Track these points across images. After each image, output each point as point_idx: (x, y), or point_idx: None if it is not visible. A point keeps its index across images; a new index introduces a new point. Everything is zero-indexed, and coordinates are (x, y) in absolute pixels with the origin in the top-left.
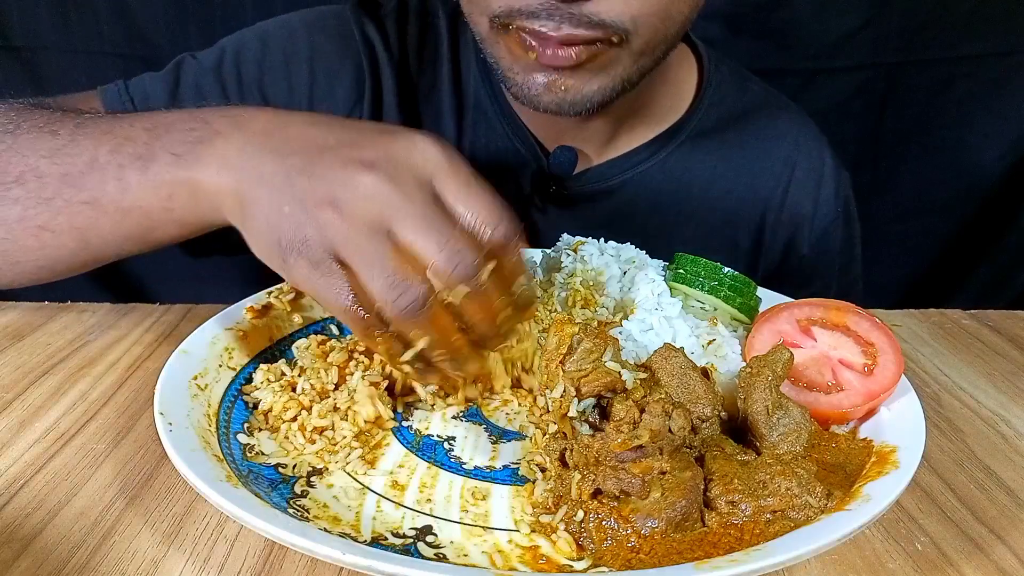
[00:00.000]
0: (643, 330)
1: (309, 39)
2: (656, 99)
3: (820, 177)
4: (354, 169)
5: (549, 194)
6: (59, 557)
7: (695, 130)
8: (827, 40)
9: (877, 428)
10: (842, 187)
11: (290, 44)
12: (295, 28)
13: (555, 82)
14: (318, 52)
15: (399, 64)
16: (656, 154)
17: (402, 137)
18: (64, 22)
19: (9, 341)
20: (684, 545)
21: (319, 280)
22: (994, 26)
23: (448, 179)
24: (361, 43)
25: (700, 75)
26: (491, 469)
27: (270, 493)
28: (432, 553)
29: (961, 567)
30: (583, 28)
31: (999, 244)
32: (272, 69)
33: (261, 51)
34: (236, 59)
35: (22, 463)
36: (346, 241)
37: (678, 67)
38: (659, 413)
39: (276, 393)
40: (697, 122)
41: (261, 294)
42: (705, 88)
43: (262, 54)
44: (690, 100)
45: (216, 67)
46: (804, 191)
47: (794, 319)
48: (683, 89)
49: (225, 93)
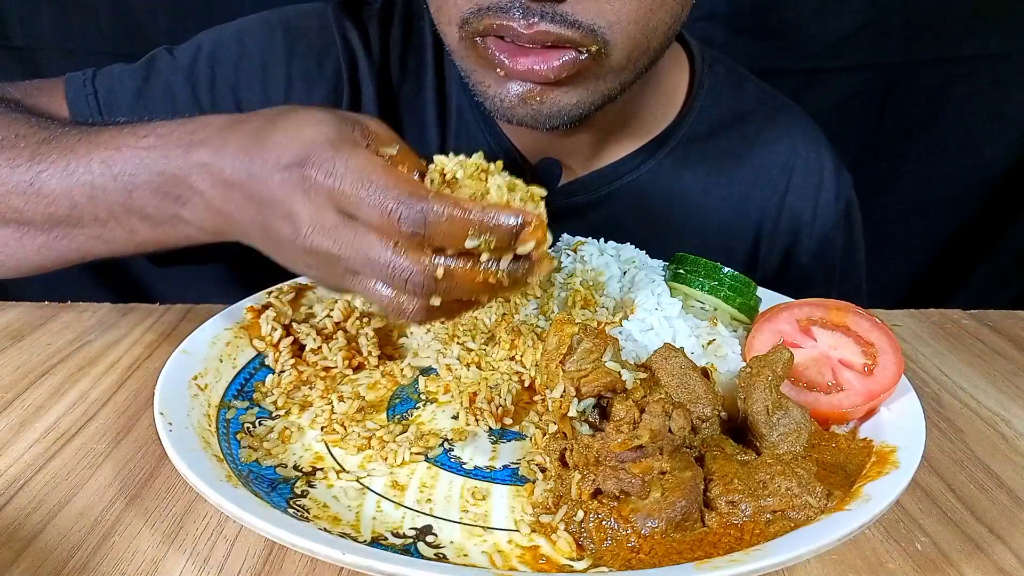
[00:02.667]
0: (643, 330)
1: (287, 42)
2: (645, 107)
3: (819, 182)
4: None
5: None
6: (59, 557)
7: (686, 136)
8: (827, 40)
9: (877, 428)
10: (843, 190)
11: (269, 46)
12: (274, 28)
13: (531, 93)
14: (296, 55)
15: (380, 69)
16: (645, 163)
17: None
18: (64, 22)
19: (9, 341)
20: (684, 545)
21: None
22: (994, 26)
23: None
24: (341, 48)
25: (692, 78)
26: (491, 469)
27: (270, 493)
28: (432, 553)
29: (961, 567)
30: (556, 25)
31: (999, 244)
32: (248, 73)
33: (238, 52)
34: (211, 60)
35: (22, 463)
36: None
37: (668, 71)
38: (659, 413)
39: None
40: (688, 128)
41: (261, 294)
42: (697, 92)
43: (239, 55)
44: (681, 104)
45: (190, 67)
46: (803, 198)
47: (794, 319)
48: (674, 93)
49: (195, 95)
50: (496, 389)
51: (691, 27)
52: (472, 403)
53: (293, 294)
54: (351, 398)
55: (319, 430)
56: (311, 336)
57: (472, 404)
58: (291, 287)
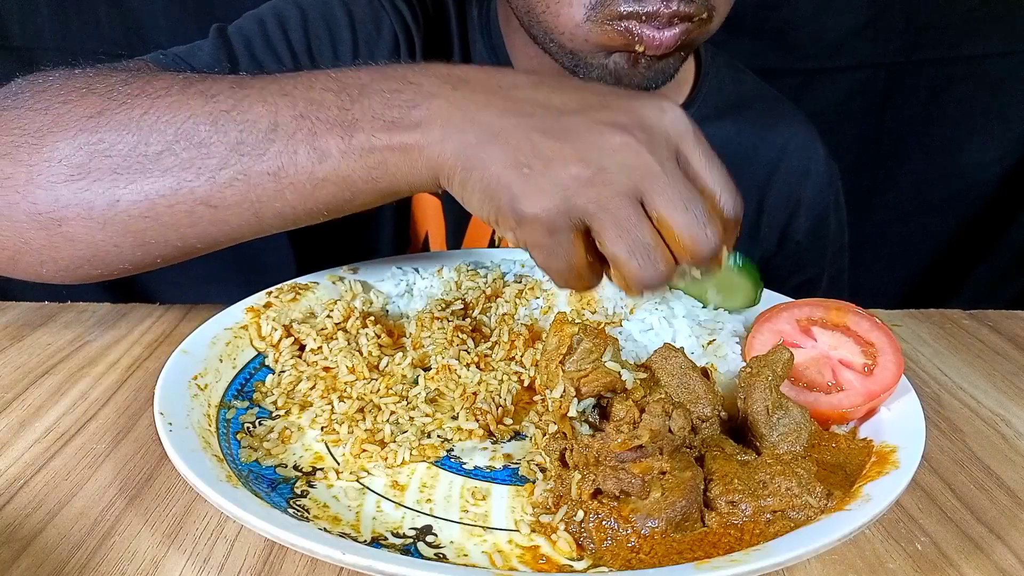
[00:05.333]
0: (643, 330)
1: (344, 6)
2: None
3: (816, 165)
4: (607, 132)
5: None
6: (59, 557)
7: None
8: (827, 40)
9: (877, 428)
10: (835, 176)
11: (329, 12)
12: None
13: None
14: (356, 20)
15: (425, 37)
16: None
17: (649, 101)
18: (64, 22)
19: (9, 341)
20: (684, 545)
21: (552, 245)
22: (994, 26)
23: (694, 148)
24: (392, 12)
25: (697, 65)
26: (491, 469)
27: (270, 493)
28: (432, 553)
29: (961, 567)
30: (685, 4)
31: (999, 244)
32: (318, 36)
33: (302, 19)
34: (281, 26)
35: (22, 463)
36: (600, 209)
37: None
38: (659, 413)
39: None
40: (696, 110)
41: (261, 294)
42: (704, 77)
43: (305, 21)
44: (689, 89)
45: (263, 35)
46: (800, 178)
47: (794, 319)
48: (682, 78)
49: (279, 60)
50: (496, 389)
51: None
52: (472, 403)
53: (293, 294)
54: (351, 398)
55: (319, 430)
56: (311, 336)
57: (472, 404)
58: (291, 287)
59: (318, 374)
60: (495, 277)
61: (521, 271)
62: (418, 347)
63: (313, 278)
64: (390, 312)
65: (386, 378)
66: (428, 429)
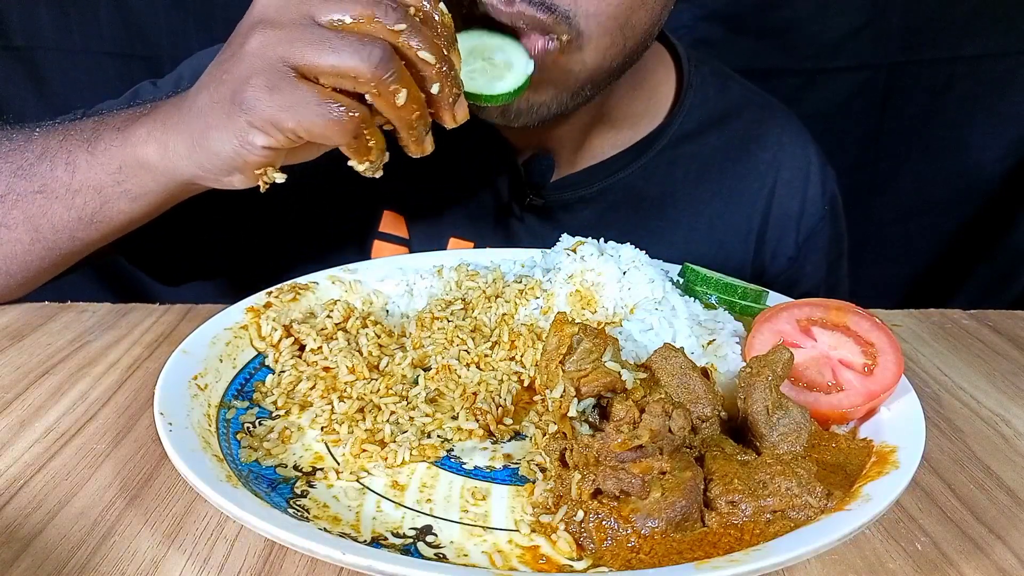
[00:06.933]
0: (643, 330)
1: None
2: (630, 105)
3: (806, 177)
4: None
5: (526, 204)
6: (59, 557)
7: (676, 135)
8: (827, 40)
9: (877, 428)
10: (828, 184)
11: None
12: None
13: None
14: None
15: None
16: (636, 160)
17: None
18: (64, 22)
19: (9, 341)
20: (684, 545)
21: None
22: (994, 26)
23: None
24: None
25: (679, 78)
26: (491, 469)
27: (270, 493)
28: (432, 553)
29: (961, 567)
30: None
31: (999, 244)
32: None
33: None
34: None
35: (22, 463)
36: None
37: (653, 71)
38: (659, 413)
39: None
40: (678, 126)
41: (261, 294)
42: (685, 92)
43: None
44: (669, 104)
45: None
46: (791, 192)
47: (794, 319)
48: (660, 93)
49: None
50: (496, 389)
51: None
52: (472, 403)
53: (293, 294)
54: (351, 398)
55: (319, 430)
56: (311, 336)
57: (472, 404)
58: (291, 287)
59: (318, 374)
60: (495, 277)
61: (521, 271)
62: (418, 347)
63: (313, 278)
64: (390, 312)
65: (386, 378)
66: (428, 429)
